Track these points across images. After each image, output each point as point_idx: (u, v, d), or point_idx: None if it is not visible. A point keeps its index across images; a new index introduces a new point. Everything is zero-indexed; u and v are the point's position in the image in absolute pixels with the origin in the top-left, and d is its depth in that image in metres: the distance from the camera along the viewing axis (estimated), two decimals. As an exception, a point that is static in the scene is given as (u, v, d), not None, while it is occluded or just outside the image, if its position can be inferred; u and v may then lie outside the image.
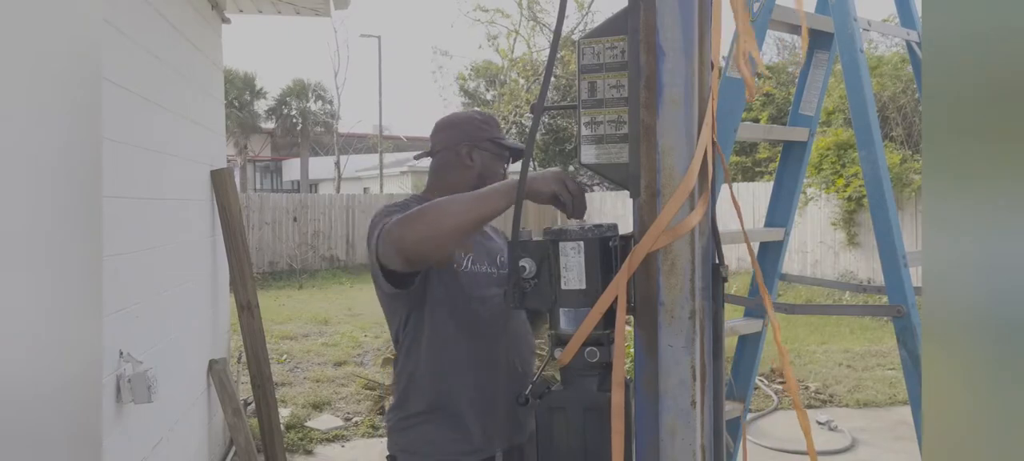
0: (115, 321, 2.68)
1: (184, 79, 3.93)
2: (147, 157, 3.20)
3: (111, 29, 2.70)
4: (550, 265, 1.53)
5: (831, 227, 12.30)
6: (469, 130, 2.10)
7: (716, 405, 1.52)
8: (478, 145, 2.09)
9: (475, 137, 2.09)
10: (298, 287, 14.48)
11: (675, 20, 1.42)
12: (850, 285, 5.40)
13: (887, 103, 12.04)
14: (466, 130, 2.11)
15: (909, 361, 2.44)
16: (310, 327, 10.03)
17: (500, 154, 2.11)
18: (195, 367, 4.08)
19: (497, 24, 23.66)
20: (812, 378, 7.03)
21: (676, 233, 1.42)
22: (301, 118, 31.55)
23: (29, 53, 1.18)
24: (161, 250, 3.39)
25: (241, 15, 5.12)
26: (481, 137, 2.09)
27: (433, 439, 1.98)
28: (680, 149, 1.43)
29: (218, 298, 4.63)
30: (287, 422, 5.61)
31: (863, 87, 2.56)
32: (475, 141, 2.09)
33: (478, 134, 2.10)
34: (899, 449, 5.14)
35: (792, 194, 2.97)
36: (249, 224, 15.36)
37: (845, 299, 9.25)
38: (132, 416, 2.84)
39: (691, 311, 1.43)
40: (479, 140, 2.09)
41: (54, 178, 1.27)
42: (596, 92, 1.53)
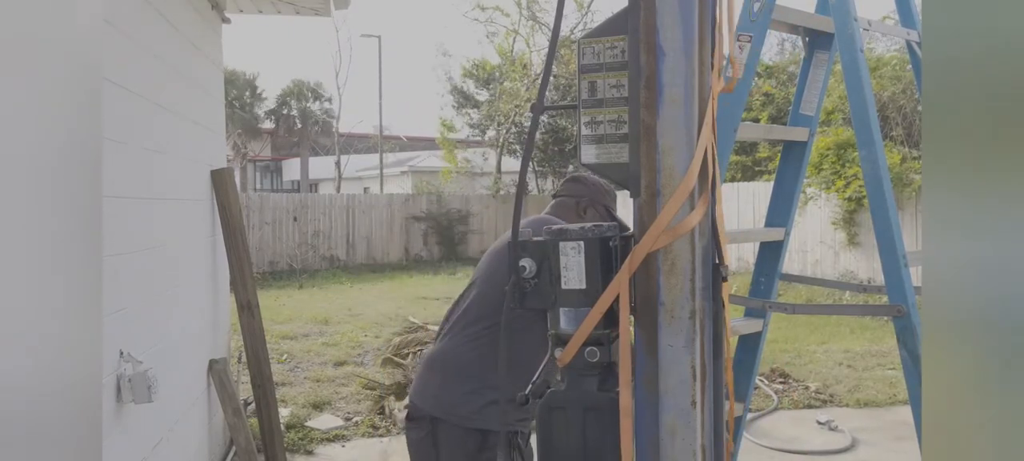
0: (115, 321, 2.68)
1: (184, 79, 3.93)
2: (147, 157, 3.20)
3: (111, 29, 2.70)
4: (550, 265, 1.53)
5: (831, 227, 12.30)
6: (594, 193, 2.53)
7: (716, 405, 1.52)
8: (593, 206, 2.51)
9: (594, 199, 2.52)
10: (298, 287, 14.49)
11: (675, 20, 1.42)
12: (850, 285, 5.40)
13: (887, 103, 12.04)
14: (591, 192, 2.53)
15: (909, 361, 2.44)
16: (310, 327, 10.04)
17: (605, 217, 2.47)
18: (195, 367, 4.08)
19: (496, 23, 23.63)
20: (812, 378, 7.02)
21: (676, 233, 1.42)
22: (301, 118, 31.56)
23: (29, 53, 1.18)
24: (161, 250, 3.39)
25: (241, 15, 5.12)
26: (598, 202, 2.52)
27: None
28: (680, 149, 1.43)
29: (218, 298, 4.63)
30: (287, 422, 5.61)
31: (863, 87, 2.55)
32: (593, 202, 2.51)
33: (598, 199, 2.52)
34: (899, 449, 5.14)
35: (792, 194, 2.97)
36: (249, 224, 15.37)
37: (845, 299, 9.25)
38: (132, 416, 2.84)
39: (691, 311, 1.43)
40: (596, 203, 2.51)
41: (54, 178, 1.27)
42: (596, 92, 1.53)
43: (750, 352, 3.00)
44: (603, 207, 2.54)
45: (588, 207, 2.52)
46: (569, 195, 2.57)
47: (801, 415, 6.00)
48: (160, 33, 3.46)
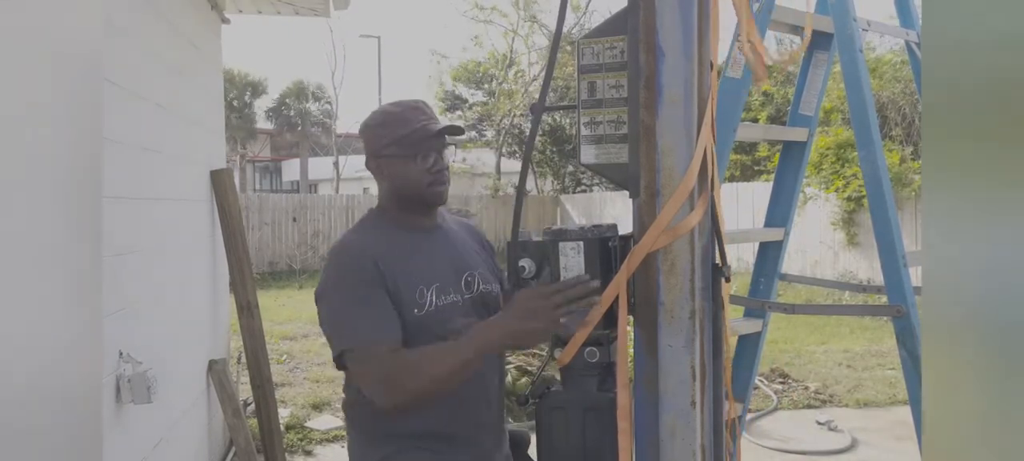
0: (115, 321, 2.68)
1: (184, 79, 3.93)
2: (147, 157, 3.20)
3: (111, 30, 2.70)
4: (550, 265, 1.53)
5: (831, 227, 12.30)
6: (369, 143, 1.93)
7: (716, 405, 1.52)
8: (380, 154, 1.89)
9: (375, 148, 1.90)
10: (298, 287, 14.48)
11: (675, 20, 1.42)
12: (850, 285, 5.40)
13: (886, 103, 12.04)
14: (367, 144, 1.93)
15: (909, 361, 2.45)
16: (310, 327, 10.02)
17: (411, 151, 1.85)
18: (195, 367, 4.08)
19: (495, 23, 23.62)
20: (812, 378, 7.02)
21: (676, 233, 1.42)
22: (300, 119, 31.56)
23: (30, 54, 1.18)
24: (161, 250, 3.39)
25: (241, 15, 5.12)
26: (380, 146, 1.89)
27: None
28: (680, 149, 1.43)
29: (218, 298, 4.63)
30: (287, 422, 5.61)
31: (862, 87, 2.56)
32: (376, 151, 1.90)
33: (376, 144, 1.90)
34: (899, 449, 5.14)
35: (792, 194, 2.98)
36: (249, 224, 15.36)
37: (845, 299, 9.25)
38: (132, 416, 2.84)
39: (691, 311, 1.43)
40: (379, 150, 1.89)
41: (54, 178, 1.27)
42: (596, 92, 1.53)
43: (750, 352, 3.00)
44: (389, 145, 1.89)
45: (379, 162, 1.92)
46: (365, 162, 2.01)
47: (801, 415, 6.00)
48: (160, 34, 3.46)
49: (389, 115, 1.90)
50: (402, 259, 1.82)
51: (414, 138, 1.86)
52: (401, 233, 1.89)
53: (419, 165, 1.86)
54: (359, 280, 1.76)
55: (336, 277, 1.82)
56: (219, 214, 4.44)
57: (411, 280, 1.80)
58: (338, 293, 1.79)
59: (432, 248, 1.91)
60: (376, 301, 1.75)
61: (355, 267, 1.79)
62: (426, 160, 1.86)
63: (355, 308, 1.75)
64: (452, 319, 1.83)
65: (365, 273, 1.77)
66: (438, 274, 1.86)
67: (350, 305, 1.76)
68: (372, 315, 1.74)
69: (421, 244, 1.90)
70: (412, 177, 1.87)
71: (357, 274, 1.78)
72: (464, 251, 1.98)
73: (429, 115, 1.91)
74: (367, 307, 1.75)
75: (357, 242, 1.87)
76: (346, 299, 1.77)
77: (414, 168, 1.86)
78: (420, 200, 1.90)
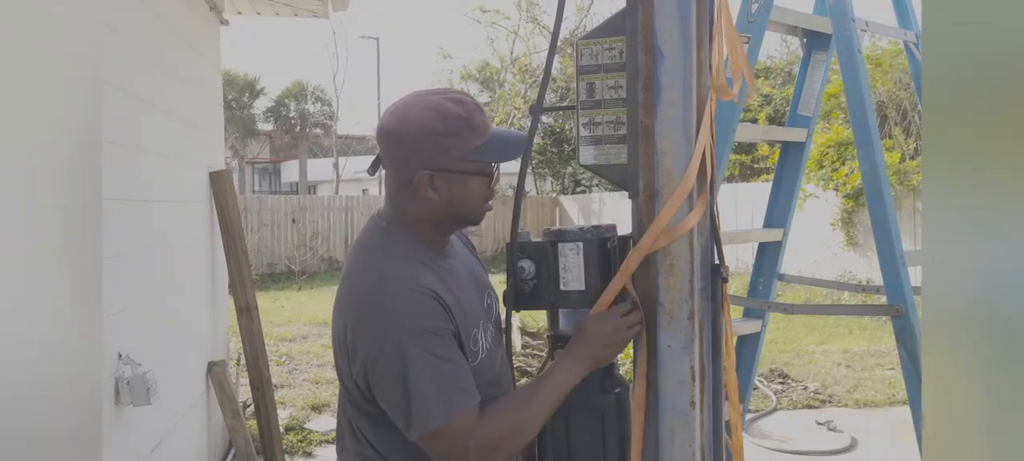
0: (114, 323, 2.68)
1: (183, 81, 3.93)
2: (146, 159, 3.20)
3: (111, 32, 2.70)
4: (549, 266, 1.53)
5: (830, 227, 12.30)
6: (428, 152, 1.46)
7: (715, 405, 1.52)
8: (448, 168, 1.48)
9: (437, 162, 1.47)
10: (297, 289, 14.47)
11: (673, 22, 1.42)
12: (849, 285, 5.40)
13: (886, 102, 12.05)
14: (424, 151, 1.46)
15: (908, 361, 2.45)
16: (309, 329, 10.02)
17: (483, 170, 1.52)
18: (194, 369, 4.07)
19: (498, 25, 23.61)
20: (811, 378, 7.02)
21: (675, 234, 1.42)
22: (299, 120, 31.56)
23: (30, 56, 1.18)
24: (160, 252, 3.39)
25: (239, 17, 5.12)
26: (447, 159, 1.47)
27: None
28: (678, 150, 1.43)
29: (217, 300, 4.63)
30: (286, 424, 5.60)
31: (861, 88, 2.56)
32: (439, 164, 1.47)
33: (440, 157, 1.47)
34: (898, 449, 5.14)
35: (791, 195, 2.98)
36: (248, 226, 15.34)
37: (844, 299, 9.24)
38: (131, 418, 2.84)
39: (690, 311, 1.43)
40: (445, 163, 1.47)
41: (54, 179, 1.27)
42: (594, 93, 1.53)
43: (749, 352, 3.00)
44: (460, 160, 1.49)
45: (434, 177, 1.48)
46: (394, 167, 1.55)
47: (800, 415, 6.00)
48: (159, 35, 3.47)
49: (453, 118, 1.47)
50: (452, 293, 1.48)
51: (494, 150, 1.51)
52: (438, 258, 1.54)
53: (485, 183, 1.53)
54: (425, 329, 1.40)
55: (395, 327, 1.40)
56: (218, 215, 4.44)
57: (467, 322, 1.49)
58: (403, 352, 1.38)
59: (459, 272, 1.58)
60: (450, 354, 1.42)
61: (420, 313, 1.41)
62: (492, 176, 1.55)
63: (431, 371, 1.39)
64: (494, 357, 1.59)
65: (432, 319, 1.41)
66: (476, 306, 1.56)
67: (424, 368, 1.39)
68: (452, 374, 1.40)
69: (454, 270, 1.57)
70: (475, 195, 1.53)
71: (422, 321, 1.40)
72: (472, 266, 1.68)
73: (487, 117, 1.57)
74: (445, 365, 1.40)
75: (407, 276, 1.45)
76: (416, 359, 1.38)
77: (480, 185, 1.53)
78: (465, 220, 1.58)
